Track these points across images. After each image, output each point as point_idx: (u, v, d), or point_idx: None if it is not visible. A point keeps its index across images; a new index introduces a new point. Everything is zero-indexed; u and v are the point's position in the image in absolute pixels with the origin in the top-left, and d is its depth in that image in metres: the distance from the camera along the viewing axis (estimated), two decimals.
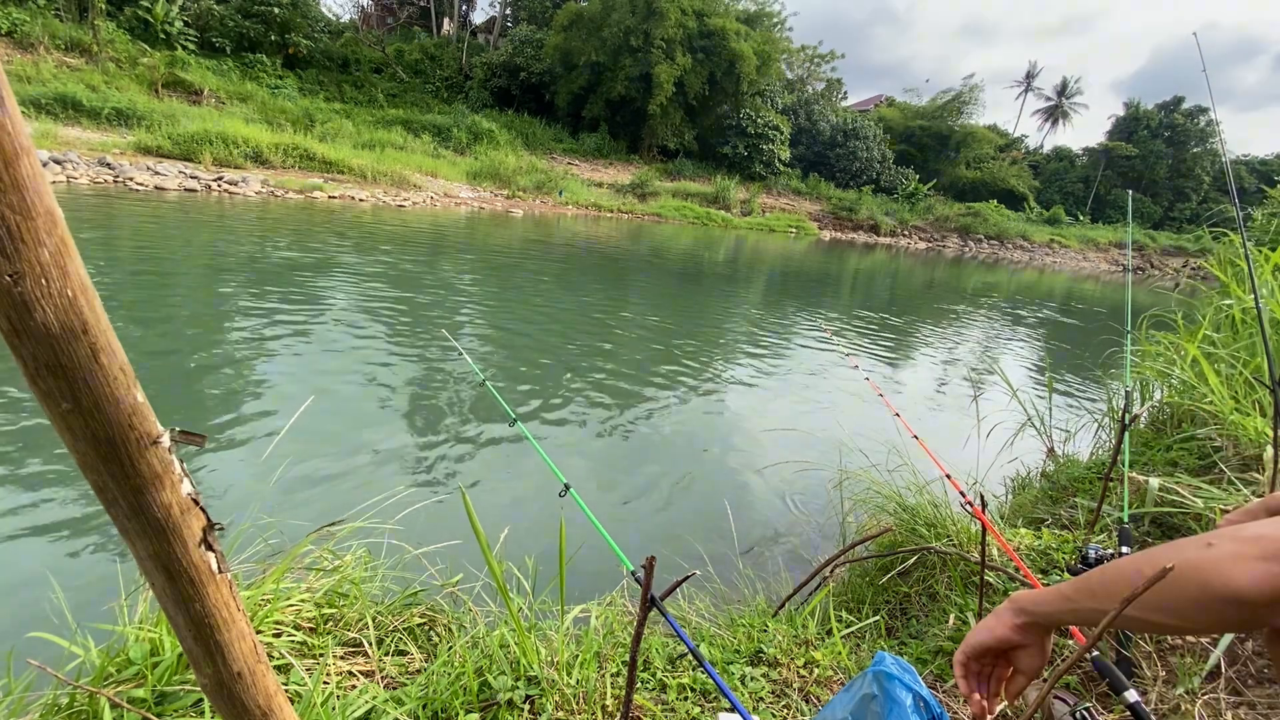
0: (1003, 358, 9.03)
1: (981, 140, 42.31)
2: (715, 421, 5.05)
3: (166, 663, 1.21)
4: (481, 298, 8.49)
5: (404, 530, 1.95)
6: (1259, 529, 0.51)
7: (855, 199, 35.51)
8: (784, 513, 3.65)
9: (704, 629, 1.87)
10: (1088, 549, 1.53)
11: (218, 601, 0.61)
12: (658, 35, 29.33)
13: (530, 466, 3.76)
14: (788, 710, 1.48)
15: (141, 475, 0.52)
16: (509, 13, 38.61)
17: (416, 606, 1.67)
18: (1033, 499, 3.00)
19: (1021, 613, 0.70)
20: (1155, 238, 41.04)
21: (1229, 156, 2.53)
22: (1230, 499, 1.98)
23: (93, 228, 9.11)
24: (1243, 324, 3.06)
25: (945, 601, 2.05)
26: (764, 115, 33.80)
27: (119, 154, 15.54)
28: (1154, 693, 1.45)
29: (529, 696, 1.36)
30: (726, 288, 12.43)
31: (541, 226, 18.73)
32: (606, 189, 28.25)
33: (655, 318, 8.60)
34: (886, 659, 1.05)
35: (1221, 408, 2.54)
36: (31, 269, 0.42)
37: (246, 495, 3.06)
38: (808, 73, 43.53)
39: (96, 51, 20.41)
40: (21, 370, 0.45)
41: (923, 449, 2.38)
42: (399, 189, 19.96)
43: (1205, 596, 0.50)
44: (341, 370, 4.97)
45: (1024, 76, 55.40)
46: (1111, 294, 20.98)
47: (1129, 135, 45.60)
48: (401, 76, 32.03)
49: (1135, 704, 0.89)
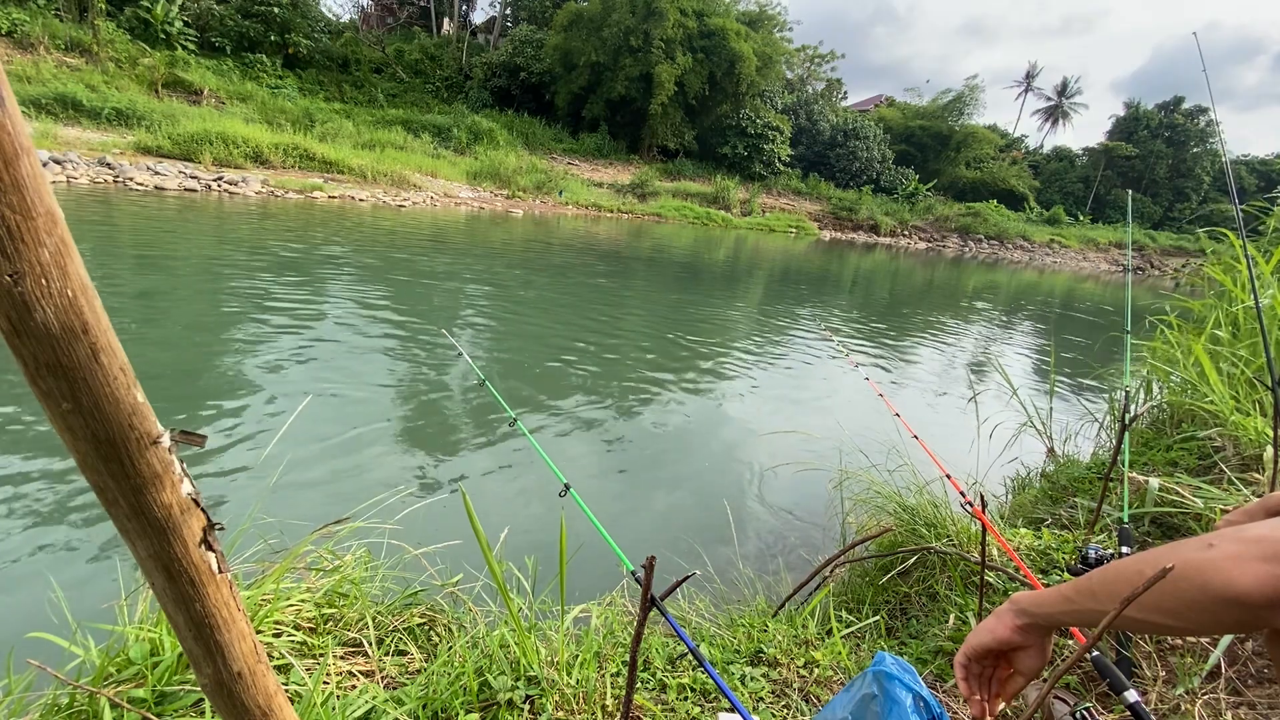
0: (1003, 358, 9.03)
1: (982, 140, 42.27)
2: (715, 421, 5.05)
3: (166, 663, 1.21)
4: (481, 297, 8.49)
5: (404, 530, 1.95)
6: (1260, 530, 0.51)
7: (855, 199, 35.51)
8: (784, 513, 3.65)
9: (704, 629, 1.87)
10: (1088, 549, 1.53)
11: (218, 601, 0.61)
12: (658, 35, 29.32)
13: (530, 466, 3.76)
14: (788, 710, 1.48)
15: (141, 475, 0.52)
16: (509, 13, 38.61)
17: (416, 606, 1.67)
18: (1033, 499, 3.00)
19: (1022, 614, 0.70)
20: (1155, 238, 41.05)
21: (1229, 156, 2.53)
22: (1230, 499, 1.98)
23: (93, 228, 9.11)
24: (1243, 324, 3.06)
25: (945, 601, 2.05)
26: (764, 115, 33.81)
27: (119, 154, 15.54)
28: (1154, 693, 1.45)
29: (529, 696, 1.36)
30: (726, 288, 12.43)
31: (541, 226, 18.73)
32: (606, 189, 28.25)
33: (655, 318, 8.60)
34: (886, 659, 1.05)
35: (1222, 408, 2.54)
36: (31, 269, 0.42)
37: (246, 495, 3.06)
38: (808, 73, 43.56)
39: (96, 51, 20.41)
40: (22, 370, 0.45)
41: (923, 449, 2.38)
42: (399, 189, 19.96)
43: (1206, 598, 0.50)
44: (341, 370, 4.97)
45: (1024, 76, 55.46)
46: (1111, 294, 20.98)
47: (1129, 135, 45.61)
48: (401, 76, 32.03)
49: (1135, 704, 0.89)
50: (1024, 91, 55.82)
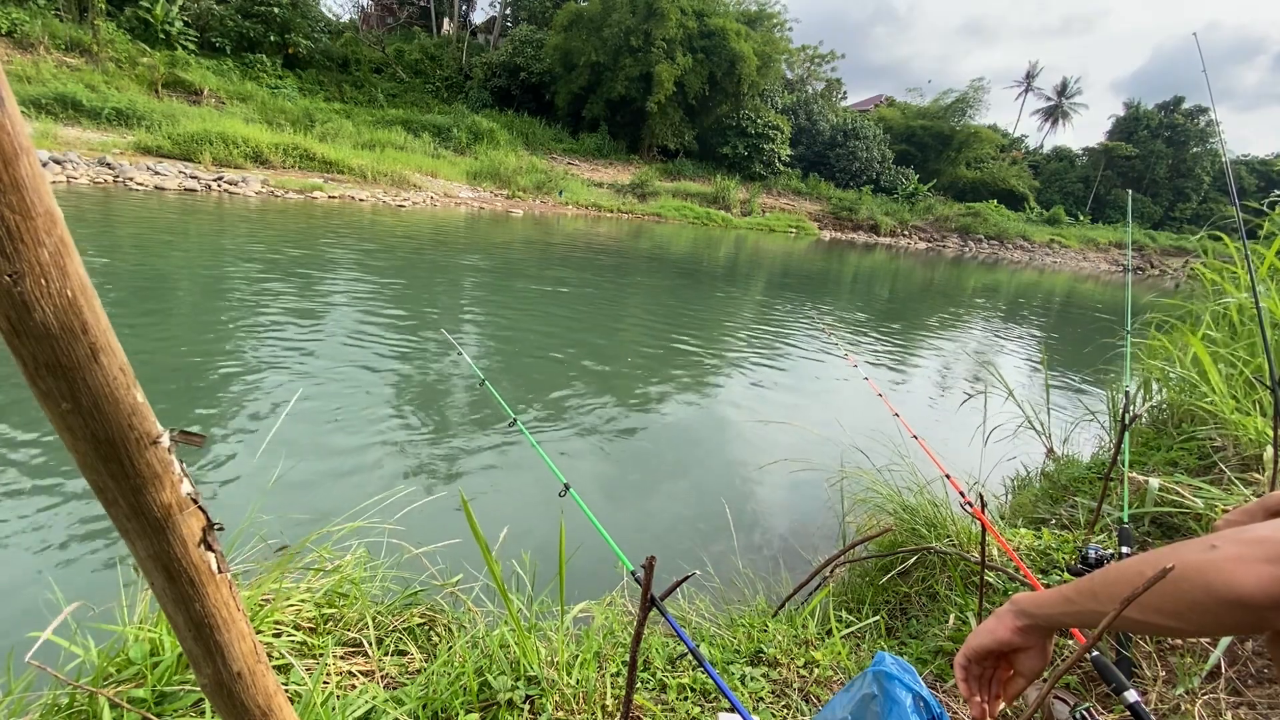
0: (1003, 358, 9.03)
1: (985, 140, 42.23)
2: (715, 421, 5.05)
3: (166, 663, 1.21)
4: (481, 297, 8.49)
5: (404, 530, 1.95)
6: (1263, 531, 0.50)
7: (855, 199, 35.49)
8: (784, 513, 3.65)
9: (704, 629, 1.87)
10: (1088, 549, 1.53)
11: (217, 601, 0.61)
12: (658, 35, 29.31)
13: (530, 466, 3.76)
14: (788, 710, 1.48)
15: (141, 475, 0.52)
16: (509, 13, 38.59)
17: (416, 606, 1.67)
18: (1033, 499, 3.00)
19: (1023, 615, 0.70)
20: (1155, 238, 41.03)
21: (1229, 156, 2.53)
22: (1230, 499, 1.98)
23: (93, 228, 9.11)
24: (1241, 324, 3.06)
25: (945, 601, 2.05)
26: (764, 115, 33.79)
27: (119, 154, 15.53)
28: (1154, 693, 1.45)
29: (529, 696, 1.36)
30: (726, 287, 12.42)
31: (541, 226, 18.73)
32: (606, 189, 28.23)
33: (655, 318, 8.60)
34: (886, 659, 1.05)
35: (1222, 408, 2.54)
36: (31, 269, 0.42)
37: (246, 495, 3.06)
38: (808, 73, 43.53)
39: (96, 51, 20.40)
40: (21, 370, 0.45)
41: (922, 449, 2.37)
42: (399, 189, 19.95)
43: (1209, 599, 0.50)
44: (341, 370, 4.97)
45: (1024, 76, 55.38)
46: (1111, 294, 20.98)
47: (1129, 135, 45.60)
48: (401, 76, 32.01)
49: (1135, 704, 0.89)
50: (1024, 91, 55.79)
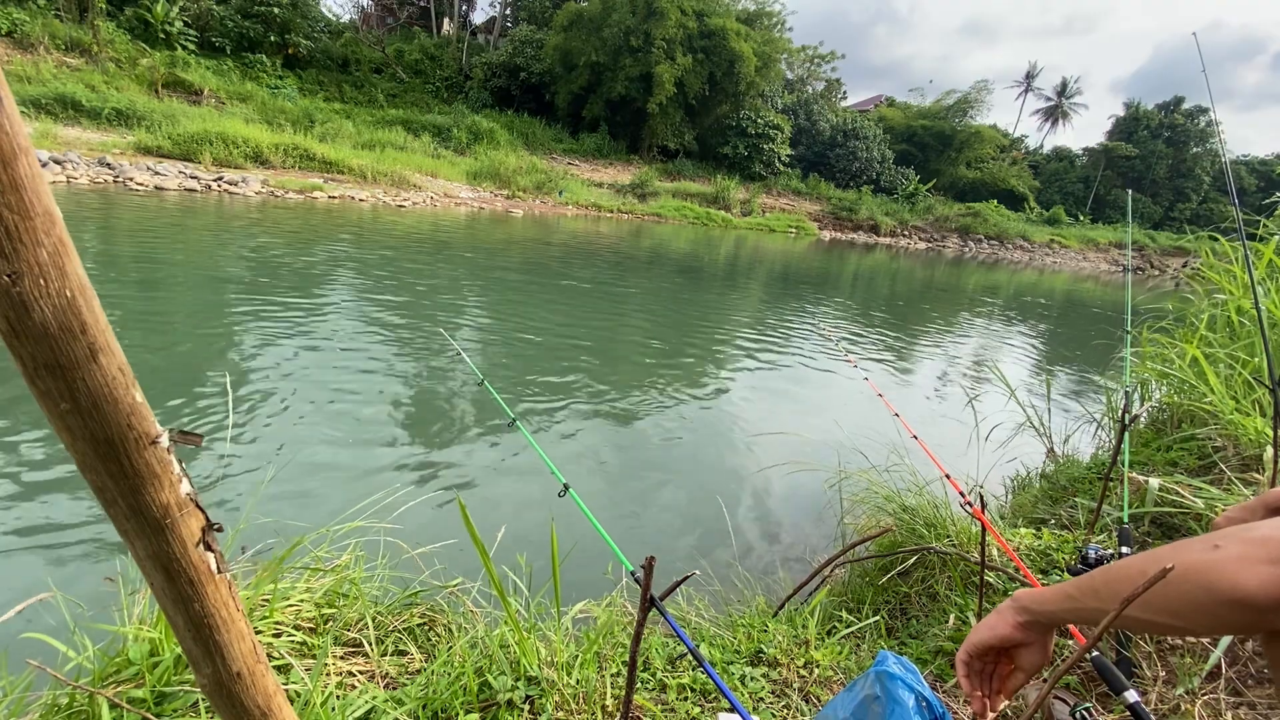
0: (1003, 358, 9.03)
1: (987, 140, 42.22)
2: (715, 421, 5.05)
3: (165, 663, 1.21)
4: (480, 298, 8.49)
5: (403, 530, 1.95)
6: (1266, 530, 0.50)
7: (855, 199, 35.48)
8: (783, 513, 3.65)
9: (704, 629, 1.87)
10: (1088, 549, 1.53)
11: (217, 601, 0.61)
12: (658, 35, 29.30)
13: (529, 467, 3.76)
14: (788, 710, 1.48)
15: (140, 475, 0.52)
16: (509, 13, 38.59)
17: (416, 606, 1.67)
18: (1033, 499, 3.00)
19: (1024, 611, 0.70)
20: (1155, 238, 41.02)
21: (1229, 156, 2.53)
22: (1230, 499, 1.98)
23: (92, 228, 9.11)
24: (1240, 325, 3.06)
25: (945, 601, 2.05)
26: (764, 115, 33.77)
27: (119, 154, 15.53)
28: (1154, 693, 1.45)
29: (529, 696, 1.36)
30: (726, 288, 12.43)
31: (541, 226, 18.72)
32: (606, 189, 28.22)
33: (654, 318, 8.60)
34: (889, 659, 1.05)
35: (1221, 408, 2.54)
36: (30, 269, 0.42)
37: (245, 495, 3.06)
38: (808, 73, 43.53)
39: (96, 52, 20.40)
40: (20, 370, 0.45)
41: (922, 449, 2.37)
42: (399, 189, 19.95)
43: (1211, 599, 0.50)
44: (341, 370, 4.97)
45: (1024, 76, 55.37)
46: (1111, 294, 20.98)
47: (1129, 135, 45.61)
48: (401, 76, 32.01)
49: (1135, 704, 0.89)
50: (1024, 92, 55.77)
